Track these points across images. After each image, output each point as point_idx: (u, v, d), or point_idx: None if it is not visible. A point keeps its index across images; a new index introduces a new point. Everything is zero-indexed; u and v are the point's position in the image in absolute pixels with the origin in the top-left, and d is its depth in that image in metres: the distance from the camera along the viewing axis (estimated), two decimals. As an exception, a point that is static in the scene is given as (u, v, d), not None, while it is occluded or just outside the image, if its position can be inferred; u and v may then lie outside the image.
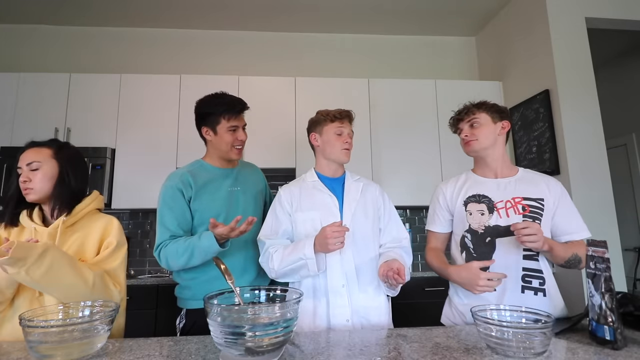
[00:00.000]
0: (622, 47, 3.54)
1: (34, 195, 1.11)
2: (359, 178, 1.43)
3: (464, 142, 1.34)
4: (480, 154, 1.32)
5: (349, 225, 1.28)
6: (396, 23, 3.31)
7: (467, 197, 1.31)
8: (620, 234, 2.36)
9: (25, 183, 1.11)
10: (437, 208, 1.40)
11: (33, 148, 1.15)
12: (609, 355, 0.82)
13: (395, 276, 1.12)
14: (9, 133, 2.68)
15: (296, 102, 2.92)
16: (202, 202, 1.39)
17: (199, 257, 1.29)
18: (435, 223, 1.40)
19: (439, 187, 1.43)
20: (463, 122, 1.34)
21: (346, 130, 1.36)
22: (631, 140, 3.60)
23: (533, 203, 1.23)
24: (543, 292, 1.17)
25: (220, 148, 1.44)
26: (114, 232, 1.17)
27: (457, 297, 1.30)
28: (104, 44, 3.23)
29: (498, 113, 1.33)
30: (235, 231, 1.21)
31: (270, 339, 0.77)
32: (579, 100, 2.49)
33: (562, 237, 1.23)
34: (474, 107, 1.33)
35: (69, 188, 1.14)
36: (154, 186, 2.71)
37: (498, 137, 1.31)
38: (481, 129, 1.29)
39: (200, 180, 1.41)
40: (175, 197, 1.36)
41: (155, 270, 2.84)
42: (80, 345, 0.80)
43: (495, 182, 1.30)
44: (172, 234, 1.35)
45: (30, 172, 1.12)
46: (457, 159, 2.97)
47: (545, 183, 1.27)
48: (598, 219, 2.31)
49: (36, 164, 1.12)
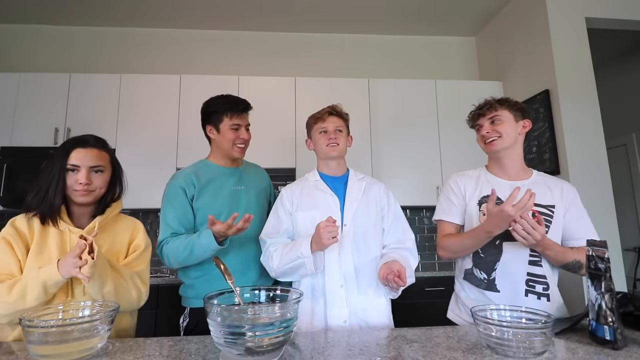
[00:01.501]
0: (622, 47, 3.54)
1: (90, 198, 1.09)
2: (363, 177, 1.41)
3: (485, 139, 1.28)
4: (499, 154, 1.27)
5: (350, 225, 1.28)
6: (396, 23, 3.31)
7: (482, 197, 1.28)
8: (620, 234, 2.36)
9: (86, 185, 1.07)
10: (452, 197, 1.32)
11: (95, 150, 1.11)
12: (609, 355, 0.82)
13: (395, 279, 1.09)
14: (9, 133, 2.68)
15: (296, 102, 2.92)
16: (205, 200, 1.40)
17: (198, 255, 1.31)
18: (450, 212, 1.32)
19: (454, 178, 1.36)
20: (484, 118, 1.28)
21: (331, 126, 1.35)
22: (631, 140, 3.60)
23: (543, 210, 1.21)
24: (547, 297, 1.17)
25: (223, 146, 1.46)
26: (142, 235, 1.21)
27: (463, 292, 1.29)
28: (104, 44, 3.23)
29: (520, 111, 1.28)
30: (232, 229, 1.21)
31: (270, 339, 0.77)
32: (579, 100, 2.49)
33: (569, 242, 1.22)
34: (497, 103, 1.27)
35: (112, 192, 1.17)
36: (154, 186, 2.73)
37: (518, 137, 1.27)
38: (503, 126, 1.24)
39: (204, 179, 1.43)
40: (177, 196, 1.39)
41: (156, 270, 2.83)
42: (80, 345, 0.80)
43: (509, 185, 1.26)
44: (174, 232, 1.36)
45: (93, 174, 1.10)
46: (457, 159, 2.99)
47: (559, 188, 1.25)
48: (598, 219, 2.28)
49: (101, 167, 1.11)
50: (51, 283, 0.95)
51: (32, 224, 1.08)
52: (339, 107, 1.40)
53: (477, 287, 1.24)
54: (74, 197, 1.08)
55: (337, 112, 1.38)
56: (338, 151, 1.34)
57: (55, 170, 1.06)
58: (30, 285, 0.94)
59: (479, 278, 1.24)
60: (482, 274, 1.24)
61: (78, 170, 1.07)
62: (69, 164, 1.07)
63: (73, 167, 1.07)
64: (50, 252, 1.05)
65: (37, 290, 0.94)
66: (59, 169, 1.06)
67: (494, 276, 1.21)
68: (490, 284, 1.21)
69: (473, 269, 1.26)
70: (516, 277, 1.18)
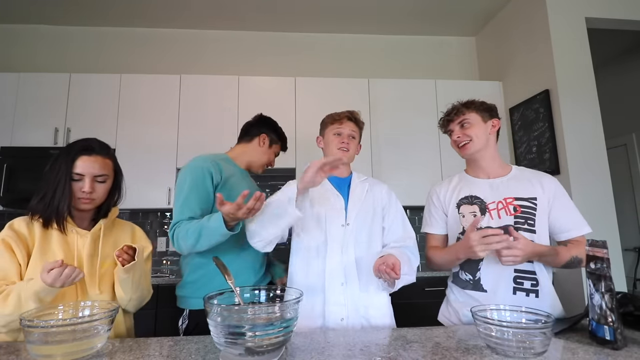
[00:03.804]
0: (622, 47, 3.54)
1: (91, 205, 1.10)
2: (365, 178, 1.43)
3: (458, 144, 1.32)
4: (474, 156, 1.31)
5: (352, 225, 1.28)
6: (396, 23, 3.31)
7: (459, 199, 1.30)
8: (620, 234, 2.36)
9: (89, 194, 1.08)
10: (432, 209, 1.39)
11: (99, 158, 1.11)
12: (609, 355, 0.82)
13: (388, 270, 1.08)
14: (9, 133, 2.68)
15: (296, 102, 2.91)
16: (227, 191, 1.31)
17: (207, 240, 1.22)
18: (432, 225, 1.38)
19: (433, 189, 1.42)
20: (453, 123, 1.32)
21: (346, 131, 1.37)
22: (631, 140, 3.60)
23: (525, 203, 1.21)
24: (535, 294, 1.16)
25: (253, 159, 1.53)
26: (144, 237, 1.25)
27: (452, 294, 1.31)
28: (104, 44, 3.23)
29: (487, 111, 1.31)
30: (242, 209, 1.10)
31: (270, 339, 0.77)
32: (579, 100, 2.49)
33: (561, 235, 1.22)
34: (463, 106, 1.31)
35: (112, 198, 1.18)
36: (154, 186, 2.75)
37: (489, 137, 1.30)
38: (472, 129, 1.28)
39: (228, 172, 1.40)
40: (204, 178, 1.32)
41: (155, 270, 2.83)
42: (80, 345, 0.80)
43: (488, 183, 1.29)
44: (192, 216, 1.29)
45: (96, 183, 1.10)
46: (457, 159, 2.95)
47: (539, 181, 1.25)
48: (598, 219, 2.30)
49: (105, 177, 1.11)
50: (43, 294, 0.94)
51: (32, 227, 1.06)
52: (358, 114, 1.43)
53: (464, 289, 1.25)
54: (77, 204, 1.09)
55: (355, 118, 1.41)
56: (347, 157, 1.36)
57: (60, 176, 1.06)
58: (24, 298, 0.93)
59: (464, 280, 1.25)
60: (467, 275, 1.25)
61: (82, 179, 1.08)
62: (74, 172, 1.07)
63: (78, 175, 1.08)
64: (55, 254, 1.05)
65: (31, 303, 0.93)
66: (64, 175, 1.06)
67: (478, 276, 1.22)
68: (476, 284, 1.22)
69: (459, 271, 1.28)
70: (502, 275, 1.18)
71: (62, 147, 1.15)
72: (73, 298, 1.04)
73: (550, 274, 1.23)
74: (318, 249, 1.28)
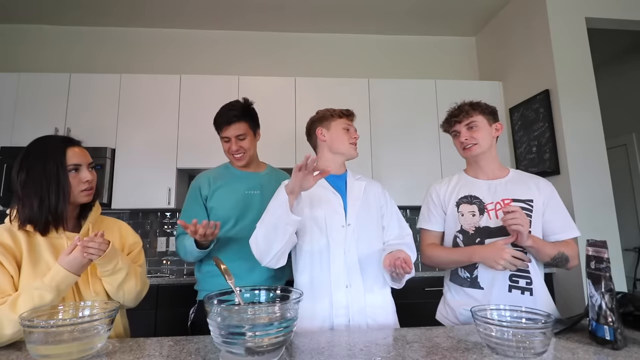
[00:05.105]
0: (622, 47, 3.54)
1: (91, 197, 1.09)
2: (360, 177, 1.42)
3: (464, 146, 1.33)
4: (477, 158, 1.33)
5: (353, 224, 1.28)
6: (396, 23, 3.31)
7: (459, 198, 1.32)
8: (620, 234, 2.36)
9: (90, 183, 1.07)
10: (431, 206, 1.40)
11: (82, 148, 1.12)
12: (609, 355, 0.82)
13: (402, 264, 1.09)
14: (9, 133, 2.68)
15: (296, 102, 2.92)
16: (217, 201, 1.48)
17: (190, 256, 1.40)
18: (430, 221, 1.39)
19: (432, 187, 1.43)
20: (460, 125, 1.32)
21: (353, 127, 1.39)
22: (631, 140, 3.60)
23: (522, 204, 1.24)
24: (530, 292, 1.19)
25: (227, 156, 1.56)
26: (131, 232, 1.23)
27: (449, 293, 1.33)
28: (104, 44, 3.23)
29: (492, 115, 1.34)
30: (196, 233, 1.24)
31: (270, 339, 0.77)
32: (579, 100, 2.49)
33: (550, 237, 1.25)
34: (471, 108, 1.32)
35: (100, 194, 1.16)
36: (154, 186, 2.75)
37: (493, 140, 1.33)
38: (479, 132, 1.30)
39: (219, 181, 1.51)
40: (193, 195, 1.50)
41: (155, 270, 2.84)
42: (80, 345, 0.80)
43: (487, 184, 1.32)
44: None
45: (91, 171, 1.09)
46: (457, 159, 2.95)
47: (535, 184, 1.29)
48: (598, 219, 2.30)
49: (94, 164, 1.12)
50: (64, 286, 0.94)
51: (16, 237, 0.99)
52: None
53: (462, 287, 1.28)
54: (78, 198, 1.04)
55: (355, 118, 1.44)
56: (357, 152, 1.38)
57: (51, 174, 0.99)
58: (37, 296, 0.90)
59: (462, 277, 1.29)
60: (465, 272, 1.28)
61: (80, 169, 1.04)
62: (69, 163, 1.02)
63: (75, 166, 1.03)
64: (47, 262, 0.99)
65: (48, 296, 0.91)
66: (57, 170, 1.00)
67: (476, 274, 1.25)
68: (474, 281, 1.25)
69: (458, 269, 1.31)
70: (499, 273, 1.20)
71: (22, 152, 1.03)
72: (72, 299, 1.03)
73: (542, 273, 1.26)
74: (321, 252, 1.25)
